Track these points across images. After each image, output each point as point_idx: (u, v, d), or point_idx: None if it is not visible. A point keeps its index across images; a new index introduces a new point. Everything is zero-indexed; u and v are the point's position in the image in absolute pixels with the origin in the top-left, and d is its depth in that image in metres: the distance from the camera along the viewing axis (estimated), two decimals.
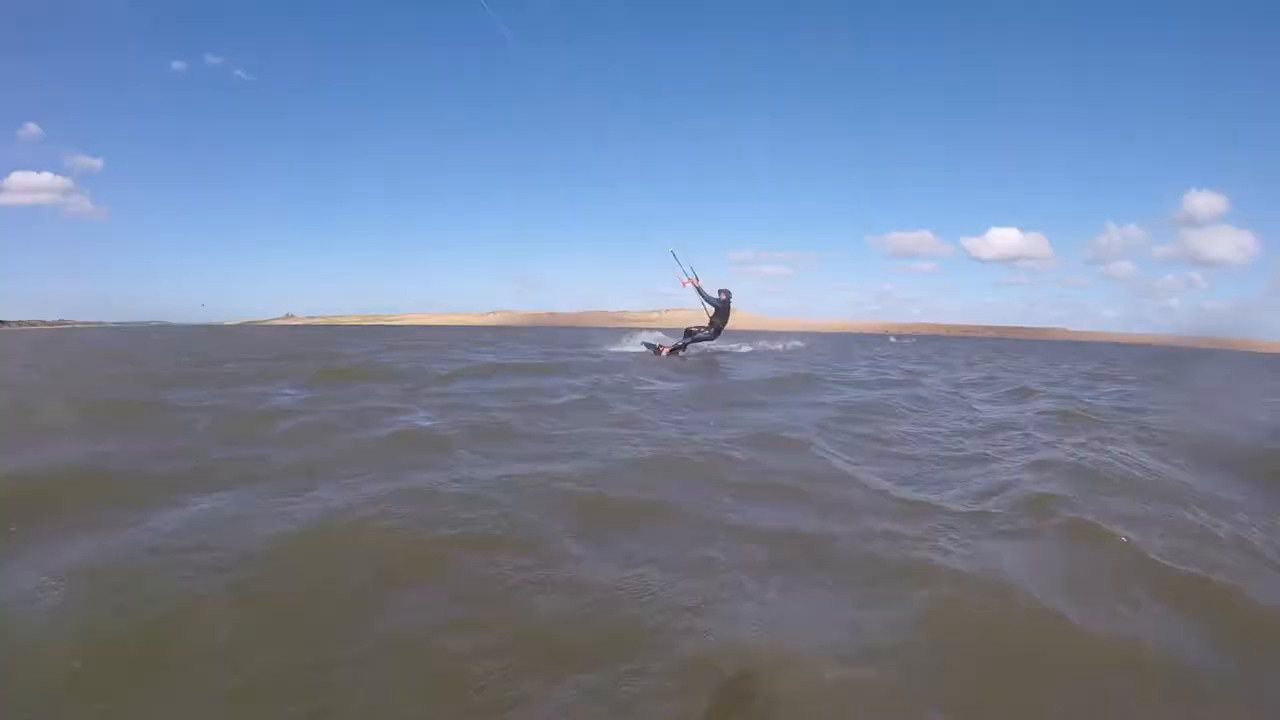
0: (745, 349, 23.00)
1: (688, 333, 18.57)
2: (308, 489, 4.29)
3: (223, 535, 3.45)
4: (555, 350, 21.34)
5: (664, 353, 18.14)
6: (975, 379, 15.39)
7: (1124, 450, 6.18)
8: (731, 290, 17.82)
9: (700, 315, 18.63)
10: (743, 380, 12.33)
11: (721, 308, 17.94)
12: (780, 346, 26.21)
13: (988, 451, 6.24)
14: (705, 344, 18.72)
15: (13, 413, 7.50)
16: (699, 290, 17.76)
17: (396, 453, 5.38)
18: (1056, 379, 16.80)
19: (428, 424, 6.83)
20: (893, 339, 59.57)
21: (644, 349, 19.03)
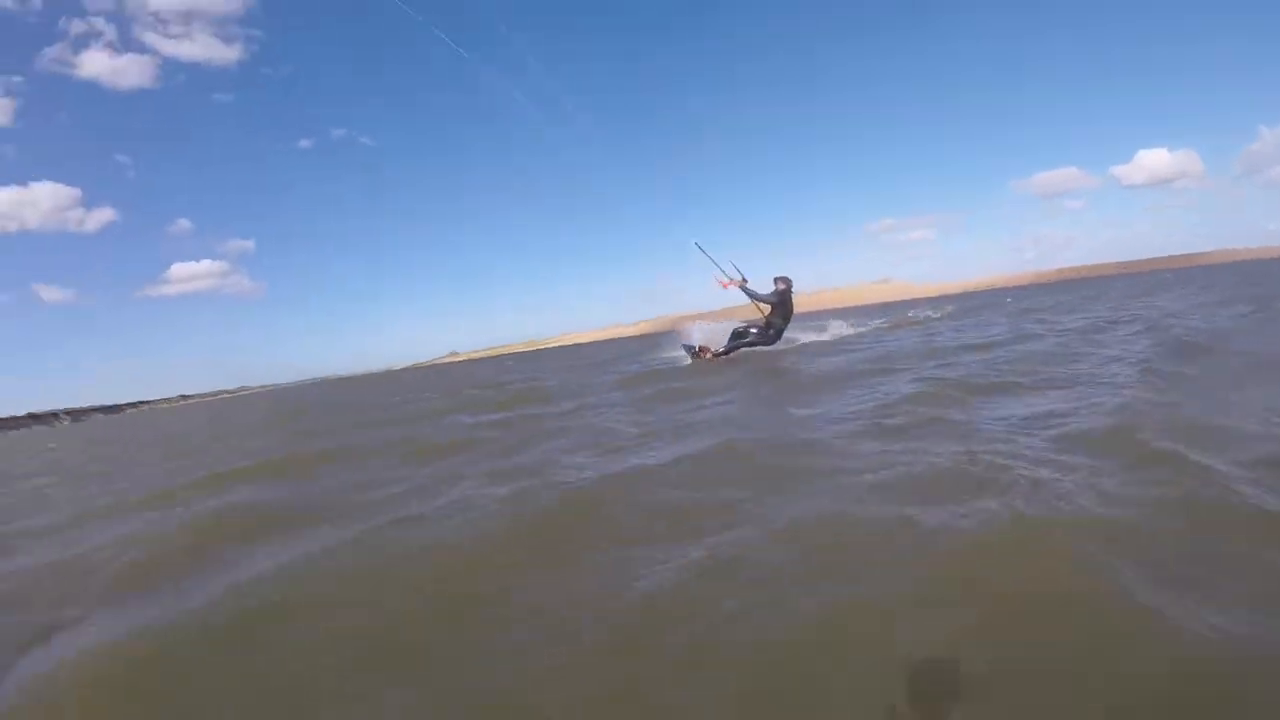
0: (880, 322, 22.43)
1: (736, 334, 15.54)
2: (522, 487, 5.01)
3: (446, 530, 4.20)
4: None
5: (707, 355, 15.42)
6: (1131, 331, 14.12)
7: None
8: (791, 278, 14.86)
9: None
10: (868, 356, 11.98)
11: (780, 302, 14.94)
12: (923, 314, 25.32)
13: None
14: (763, 348, 15.45)
15: (205, 471, 8.59)
16: (745, 290, 14.94)
17: (583, 454, 6.20)
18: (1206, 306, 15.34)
19: (607, 428, 7.49)
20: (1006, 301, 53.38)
21: (686, 350, 16.19)
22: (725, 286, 14.99)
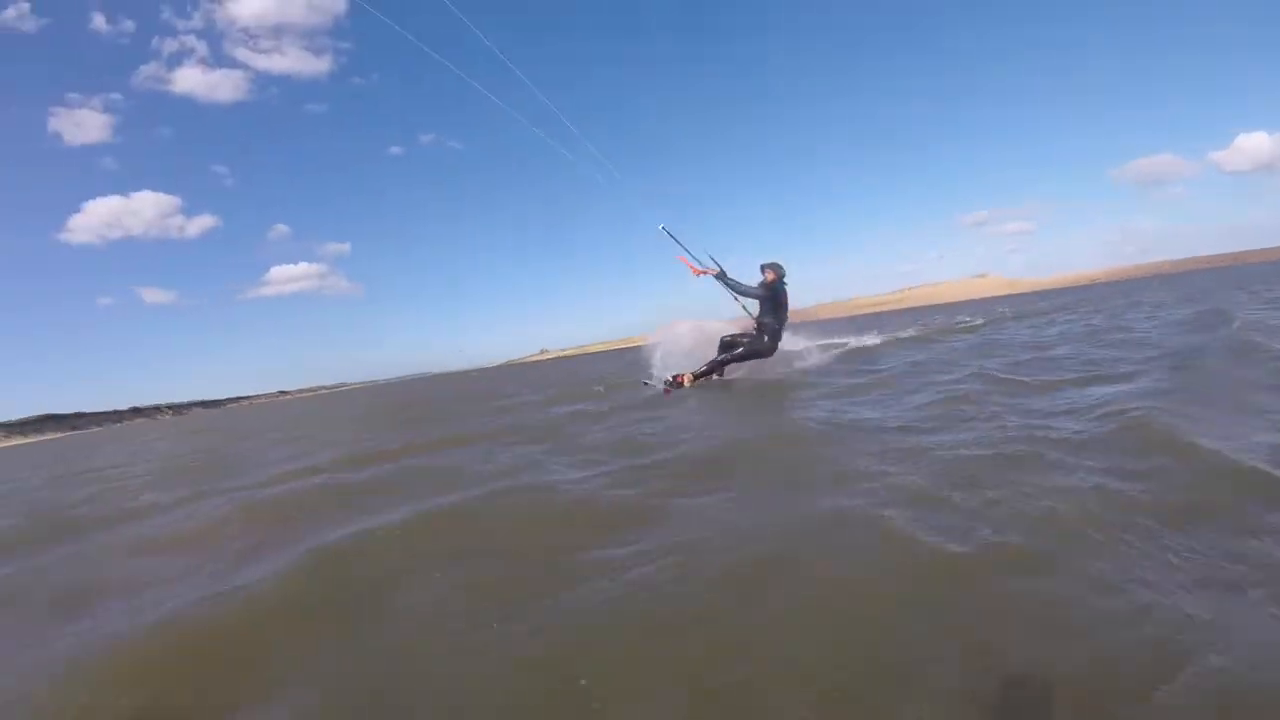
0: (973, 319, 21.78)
1: (724, 345, 12.31)
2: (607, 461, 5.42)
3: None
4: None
5: (687, 382, 12.02)
6: None
7: None
8: (783, 265, 12.00)
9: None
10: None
11: (769, 298, 11.93)
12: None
13: None
14: (758, 360, 12.38)
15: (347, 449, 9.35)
16: (723, 280, 12.08)
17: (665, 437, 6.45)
18: None
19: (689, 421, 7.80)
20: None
21: (650, 386, 12.78)
22: (698, 274, 12.22)
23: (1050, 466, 4.01)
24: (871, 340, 17.96)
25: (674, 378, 12.14)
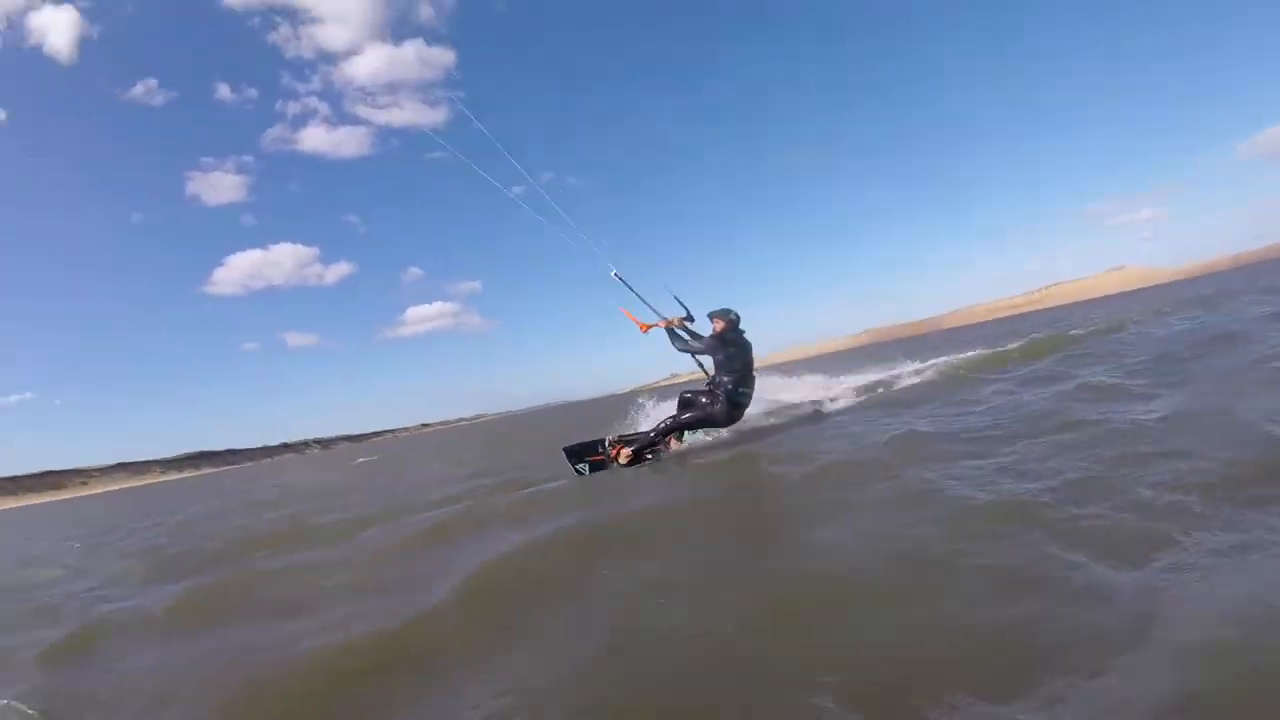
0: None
1: (683, 404, 9.96)
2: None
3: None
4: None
5: (619, 456, 9.45)
6: None
7: None
8: (735, 312, 9.68)
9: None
10: None
11: (722, 351, 9.43)
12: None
13: None
14: (713, 430, 9.77)
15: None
16: (673, 334, 9.96)
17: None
18: None
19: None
20: None
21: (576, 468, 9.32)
22: (645, 330, 10.25)
23: (1155, 468, 4.03)
24: (986, 351, 17.38)
25: (613, 446, 9.70)
